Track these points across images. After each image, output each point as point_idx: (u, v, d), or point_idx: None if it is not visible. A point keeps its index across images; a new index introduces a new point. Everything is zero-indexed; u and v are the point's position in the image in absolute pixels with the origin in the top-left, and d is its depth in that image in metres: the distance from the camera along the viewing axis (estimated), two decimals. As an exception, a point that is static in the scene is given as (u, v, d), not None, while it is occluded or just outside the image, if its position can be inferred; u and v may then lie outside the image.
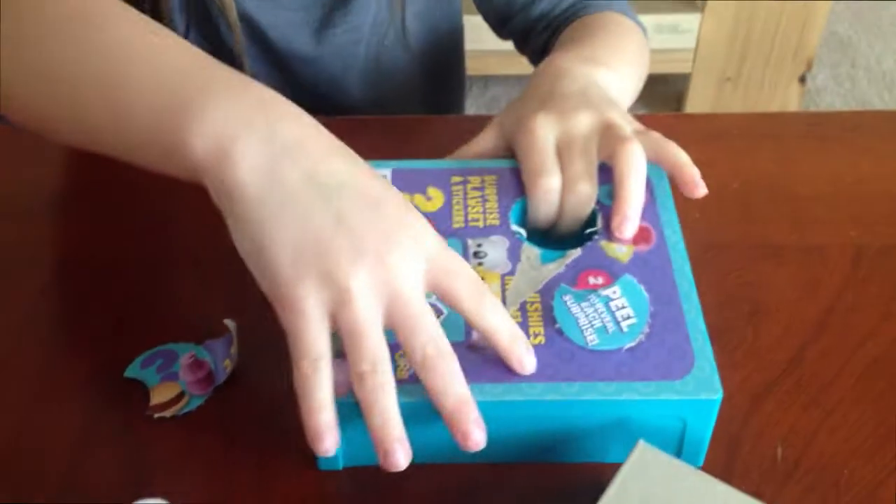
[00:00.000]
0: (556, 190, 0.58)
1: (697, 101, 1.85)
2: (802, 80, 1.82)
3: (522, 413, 0.49)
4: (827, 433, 0.55)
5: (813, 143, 0.74)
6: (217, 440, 0.54)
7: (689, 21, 1.76)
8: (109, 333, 0.59)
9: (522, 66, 0.78)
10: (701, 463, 0.53)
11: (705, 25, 1.75)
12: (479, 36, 0.97)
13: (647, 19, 1.87)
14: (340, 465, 0.52)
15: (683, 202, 0.68)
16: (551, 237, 0.59)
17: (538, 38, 0.82)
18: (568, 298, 0.53)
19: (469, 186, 0.59)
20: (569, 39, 0.75)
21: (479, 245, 0.56)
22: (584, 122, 0.60)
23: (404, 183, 0.59)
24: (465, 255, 0.55)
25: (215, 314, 0.58)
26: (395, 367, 0.47)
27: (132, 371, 0.56)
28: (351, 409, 0.47)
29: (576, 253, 0.56)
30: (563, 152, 0.59)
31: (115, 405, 0.55)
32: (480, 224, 0.57)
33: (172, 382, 0.56)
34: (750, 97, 1.84)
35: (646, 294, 0.53)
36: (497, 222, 0.57)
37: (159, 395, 0.55)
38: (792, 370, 0.58)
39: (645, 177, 0.57)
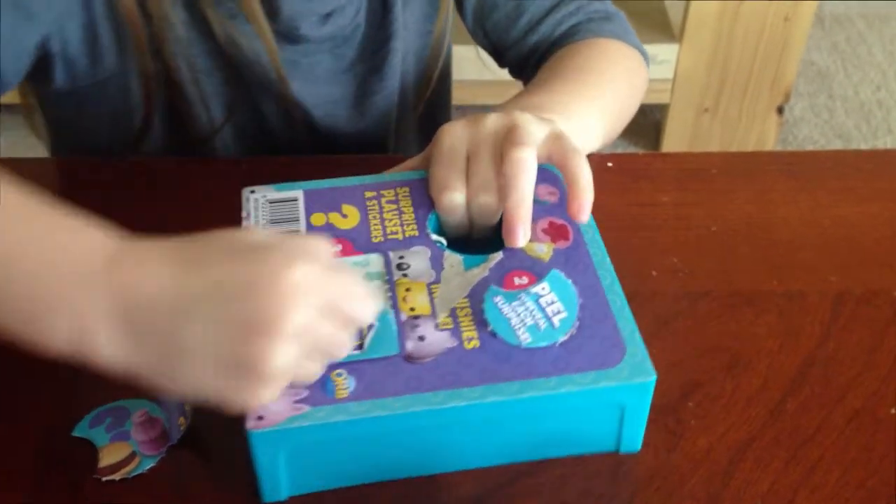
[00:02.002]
0: (460, 205, 0.57)
1: (675, 132, 1.84)
2: (780, 111, 1.82)
3: (468, 418, 0.49)
4: (808, 493, 0.53)
5: (792, 183, 0.72)
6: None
7: (667, 51, 1.75)
8: (57, 389, 0.56)
9: (509, 95, 0.76)
10: (639, 447, 0.54)
11: (683, 56, 1.74)
12: (468, 67, 0.95)
13: (625, 50, 1.85)
14: (285, 496, 0.51)
15: (662, 247, 0.66)
16: (473, 243, 0.59)
17: (532, 70, 0.81)
18: (499, 300, 0.53)
19: (383, 200, 0.59)
20: (539, 79, 0.73)
21: (402, 257, 0.56)
22: (490, 126, 0.58)
23: (317, 203, 0.59)
24: (388, 268, 0.55)
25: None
26: (334, 386, 0.49)
27: (80, 430, 0.53)
28: (292, 435, 0.47)
29: (498, 256, 0.55)
30: (471, 160, 0.58)
31: (61, 467, 0.52)
32: (400, 236, 0.57)
33: (123, 442, 0.53)
34: (728, 128, 1.83)
35: (574, 287, 0.53)
36: (416, 233, 0.57)
37: (109, 456, 0.52)
38: (772, 424, 0.56)
39: (531, 182, 0.55)
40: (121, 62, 0.70)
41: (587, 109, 0.68)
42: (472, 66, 0.90)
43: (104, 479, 0.51)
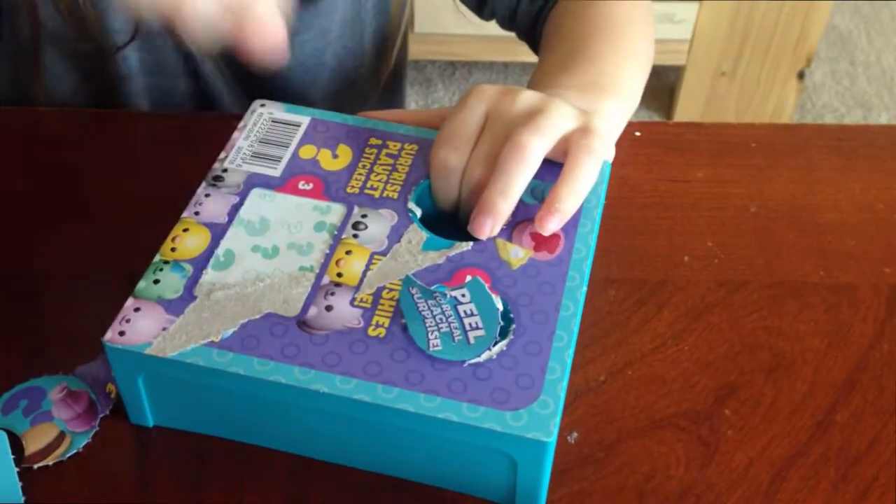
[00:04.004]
0: (451, 167, 0.51)
1: (690, 96, 1.76)
2: (801, 76, 1.73)
3: (332, 409, 0.43)
4: (861, 522, 0.46)
5: (841, 161, 0.64)
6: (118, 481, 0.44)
7: (685, 10, 1.66)
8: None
9: (508, 52, 0.68)
10: None
11: (703, 15, 1.65)
12: (468, 20, 0.86)
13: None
14: (151, 423, 0.47)
15: (695, 229, 0.59)
16: (462, 228, 0.51)
17: (525, 16, 0.72)
18: (415, 292, 0.45)
19: (384, 152, 0.54)
20: (563, 50, 0.64)
21: (364, 216, 0.50)
22: (520, 103, 0.51)
23: (318, 135, 0.55)
24: (344, 223, 0.49)
25: (81, 335, 0.49)
26: None
27: (-3, 419, 0.47)
28: (147, 361, 0.43)
29: (464, 247, 0.49)
30: (484, 129, 0.51)
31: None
32: (377, 194, 0.51)
33: (47, 423, 0.46)
34: (745, 93, 1.75)
35: (498, 304, 0.45)
36: (395, 196, 0.51)
37: (35, 442, 0.45)
38: (819, 438, 0.49)
39: (523, 174, 0.49)
40: None
41: (635, 77, 0.61)
42: (474, 18, 0.80)
43: (35, 466, 0.45)
